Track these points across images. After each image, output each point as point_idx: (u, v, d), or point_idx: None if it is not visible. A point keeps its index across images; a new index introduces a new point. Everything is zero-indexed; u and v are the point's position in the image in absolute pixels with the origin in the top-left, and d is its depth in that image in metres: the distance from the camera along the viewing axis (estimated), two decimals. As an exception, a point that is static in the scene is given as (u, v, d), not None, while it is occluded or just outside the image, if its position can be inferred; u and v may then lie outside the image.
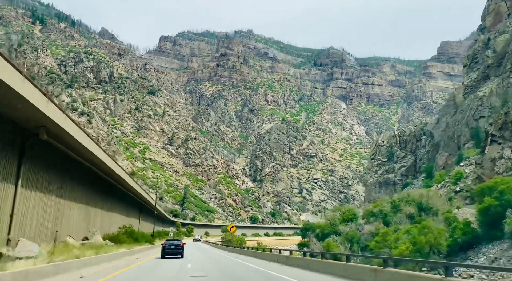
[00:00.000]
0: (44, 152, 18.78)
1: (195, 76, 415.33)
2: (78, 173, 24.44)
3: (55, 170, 20.51)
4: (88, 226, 26.16)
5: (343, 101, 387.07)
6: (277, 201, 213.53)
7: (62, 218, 21.65)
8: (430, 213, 48.19)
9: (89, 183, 26.76)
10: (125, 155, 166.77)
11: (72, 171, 23.28)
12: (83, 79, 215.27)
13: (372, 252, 42.72)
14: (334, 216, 61.86)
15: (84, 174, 25.58)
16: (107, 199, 32.60)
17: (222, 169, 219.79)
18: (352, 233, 52.31)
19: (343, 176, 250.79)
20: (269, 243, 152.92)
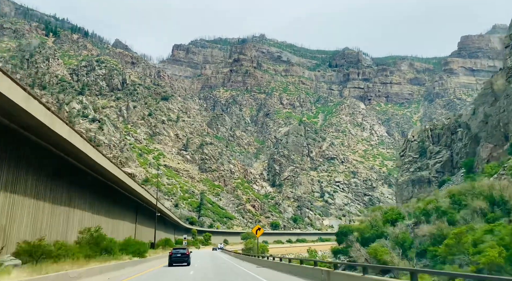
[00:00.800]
0: None
1: (209, 83, 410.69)
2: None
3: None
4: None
5: (361, 101, 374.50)
6: (298, 206, 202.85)
7: None
8: (507, 208, 37.85)
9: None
10: (138, 161, 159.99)
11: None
12: (96, 87, 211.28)
13: (438, 259, 32.70)
14: (375, 217, 51.99)
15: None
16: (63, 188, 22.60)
17: (239, 173, 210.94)
18: (403, 236, 42.32)
19: (367, 178, 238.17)
20: (293, 250, 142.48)
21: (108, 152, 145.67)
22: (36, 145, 17.11)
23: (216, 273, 25.59)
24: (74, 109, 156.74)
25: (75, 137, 19.09)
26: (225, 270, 29.36)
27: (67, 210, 21.35)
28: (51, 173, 19.23)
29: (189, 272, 27.05)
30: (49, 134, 16.11)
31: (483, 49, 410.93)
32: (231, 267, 34.78)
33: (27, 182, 16.46)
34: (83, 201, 24.02)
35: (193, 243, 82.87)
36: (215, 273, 25.64)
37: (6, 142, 14.62)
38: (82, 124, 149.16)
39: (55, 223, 19.35)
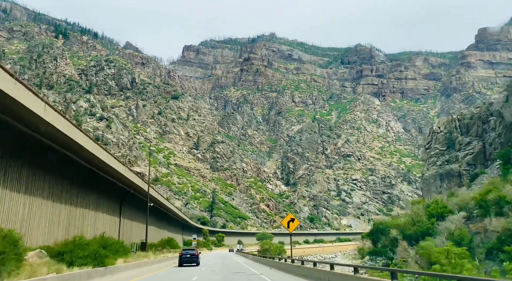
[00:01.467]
0: None
1: (219, 83, 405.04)
2: None
3: None
4: None
5: (375, 97, 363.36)
6: (314, 205, 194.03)
7: None
8: None
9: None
10: (147, 159, 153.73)
11: None
12: (105, 87, 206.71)
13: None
14: (417, 211, 43.61)
15: None
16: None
17: (252, 172, 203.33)
18: (460, 233, 33.94)
19: (385, 175, 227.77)
20: (311, 251, 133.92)
21: (116, 150, 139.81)
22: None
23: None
24: (81, 108, 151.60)
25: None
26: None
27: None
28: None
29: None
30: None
31: (502, 41, 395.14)
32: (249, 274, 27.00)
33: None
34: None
35: (204, 244, 75.75)
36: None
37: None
38: (89, 122, 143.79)
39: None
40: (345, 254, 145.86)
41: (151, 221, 41.57)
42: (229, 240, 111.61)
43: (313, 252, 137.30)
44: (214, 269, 30.29)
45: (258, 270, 30.11)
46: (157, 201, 41.81)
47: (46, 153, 18.03)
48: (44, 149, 17.65)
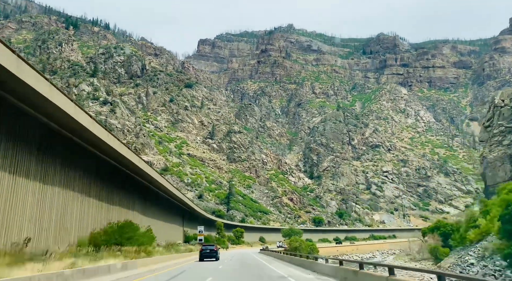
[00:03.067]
0: None
1: (236, 76, 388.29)
2: None
3: None
4: None
5: (402, 87, 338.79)
6: (342, 199, 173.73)
7: None
8: None
9: None
10: (157, 149, 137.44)
11: None
12: (114, 74, 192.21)
13: None
14: None
15: None
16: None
17: (273, 164, 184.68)
18: None
19: (419, 166, 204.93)
20: (345, 250, 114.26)
21: (122, 137, 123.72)
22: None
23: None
24: (83, 91, 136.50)
25: None
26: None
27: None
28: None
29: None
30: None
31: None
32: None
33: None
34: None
35: (217, 240, 58.32)
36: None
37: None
38: (91, 107, 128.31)
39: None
40: (384, 253, 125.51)
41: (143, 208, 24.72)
42: (250, 236, 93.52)
43: (346, 251, 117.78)
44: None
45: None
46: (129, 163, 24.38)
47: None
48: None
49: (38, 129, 15.69)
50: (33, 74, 12.63)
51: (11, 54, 11.46)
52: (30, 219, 14.02)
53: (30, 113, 14.77)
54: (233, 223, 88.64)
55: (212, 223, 65.91)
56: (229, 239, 74.15)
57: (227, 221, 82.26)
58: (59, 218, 16.70)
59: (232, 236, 78.09)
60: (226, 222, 77.93)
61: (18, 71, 11.81)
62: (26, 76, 12.25)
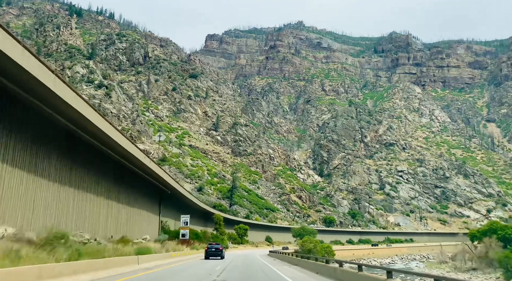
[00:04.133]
0: None
1: (243, 72, 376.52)
2: None
3: None
4: None
5: (416, 85, 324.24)
6: (355, 199, 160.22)
7: None
8: None
9: None
10: (155, 136, 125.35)
11: None
12: (115, 62, 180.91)
13: None
14: None
15: None
16: None
17: (280, 160, 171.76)
18: None
19: (437, 167, 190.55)
20: (361, 253, 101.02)
21: (116, 123, 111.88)
22: None
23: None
24: (77, 74, 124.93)
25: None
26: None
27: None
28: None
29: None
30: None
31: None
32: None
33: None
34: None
35: (214, 238, 45.84)
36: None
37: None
38: (84, 90, 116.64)
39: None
40: (404, 259, 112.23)
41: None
42: (254, 235, 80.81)
43: (363, 254, 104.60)
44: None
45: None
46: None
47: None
48: None
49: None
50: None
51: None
52: None
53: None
54: (236, 218, 75.30)
55: (208, 216, 52.82)
56: (230, 238, 61.50)
57: (229, 216, 68.93)
58: None
59: (233, 234, 65.19)
60: (227, 217, 64.61)
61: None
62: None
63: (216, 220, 51.77)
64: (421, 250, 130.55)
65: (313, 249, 62.96)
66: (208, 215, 52.83)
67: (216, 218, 51.78)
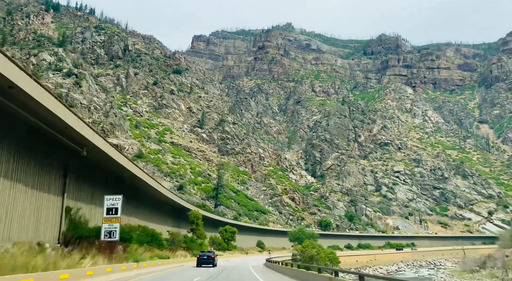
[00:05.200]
0: None
1: (231, 73, 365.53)
2: None
3: None
4: None
5: (408, 86, 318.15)
6: (351, 201, 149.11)
7: None
8: None
9: None
10: (132, 132, 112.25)
11: None
12: (92, 55, 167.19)
13: None
14: None
15: None
16: None
17: (271, 160, 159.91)
18: None
19: (434, 167, 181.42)
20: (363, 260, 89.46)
21: (86, 115, 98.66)
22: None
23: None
24: (43, 61, 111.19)
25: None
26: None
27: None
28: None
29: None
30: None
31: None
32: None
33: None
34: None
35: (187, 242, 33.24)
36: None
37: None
38: (51, 78, 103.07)
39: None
40: (410, 266, 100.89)
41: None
42: (244, 240, 68.34)
43: (365, 261, 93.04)
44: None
45: None
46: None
47: None
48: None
49: None
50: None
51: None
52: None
53: None
54: (221, 218, 61.60)
55: (181, 212, 40.00)
56: (214, 242, 48.71)
57: (211, 214, 55.55)
58: None
59: (217, 238, 52.23)
60: (209, 216, 51.25)
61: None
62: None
63: (193, 219, 39.02)
64: (425, 256, 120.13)
65: (316, 256, 50.96)
66: (182, 211, 40.29)
67: (193, 216, 39.17)
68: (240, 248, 62.91)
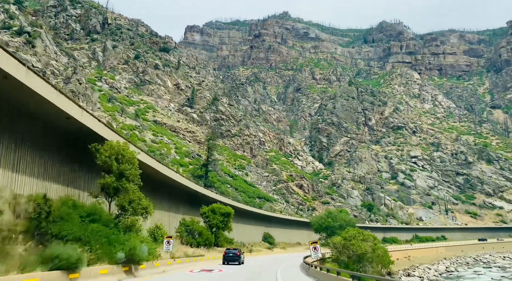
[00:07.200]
0: None
1: (226, 62, 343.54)
2: None
3: None
4: None
5: (414, 71, 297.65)
6: (367, 189, 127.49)
7: None
8: None
9: None
10: (103, 105, 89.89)
11: None
12: (66, 30, 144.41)
13: None
14: None
15: None
16: None
17: (272, 145, 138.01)
18: None
19: (456, 151, 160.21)
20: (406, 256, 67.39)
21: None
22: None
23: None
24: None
25: None
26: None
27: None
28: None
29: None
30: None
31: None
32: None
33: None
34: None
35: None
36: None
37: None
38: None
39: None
40: (457, 263, 78.37)
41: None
42: (243, 231, 46.54)
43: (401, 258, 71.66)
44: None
45: None
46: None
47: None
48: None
49: None
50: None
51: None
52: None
53: None
54: (202, 190, 35.17)
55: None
56: (189, 232, 25.60)
57: (170, 171, 30.03)
58: None
59: (195, 224, 29.11)
60: (164, 173, 28.28)
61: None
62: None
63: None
64: (464, 251, 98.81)
65: (370, 255, 29.48)
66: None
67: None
68: (239, 243, 41.08)
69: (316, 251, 21.02)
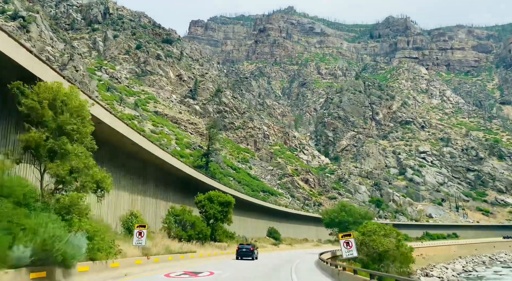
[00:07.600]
0: None
1: (230, 57, 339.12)
2: None
3: None
4: None
5: (421, 66, 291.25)
6: (375, 184, 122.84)
7: None
8: None
9: None
10: (101, 94, 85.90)
11: None
12: (67, 20, 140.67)
13: None
14: None
15: None
16: None
17: (277, 138, 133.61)
18: None
19: (466, 146, 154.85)
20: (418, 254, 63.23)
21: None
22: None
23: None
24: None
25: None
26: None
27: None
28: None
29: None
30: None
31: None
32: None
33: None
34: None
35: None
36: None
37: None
38: (-11, 19, 76.70)
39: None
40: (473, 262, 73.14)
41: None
42: (245, 225, 42.66)
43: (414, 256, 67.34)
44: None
45: None
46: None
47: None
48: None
49: None
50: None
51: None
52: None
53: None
54: (197, 175, 31.48)
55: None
56: (180, 223, 21.40)
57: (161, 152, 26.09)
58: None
59: (187, 214, 24.66)
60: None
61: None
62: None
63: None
64: (478, 249, 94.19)
65: (393, 252, 25.27)
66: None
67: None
68: (241, 238, 36.93)
69: (349, 248, 16.29)
